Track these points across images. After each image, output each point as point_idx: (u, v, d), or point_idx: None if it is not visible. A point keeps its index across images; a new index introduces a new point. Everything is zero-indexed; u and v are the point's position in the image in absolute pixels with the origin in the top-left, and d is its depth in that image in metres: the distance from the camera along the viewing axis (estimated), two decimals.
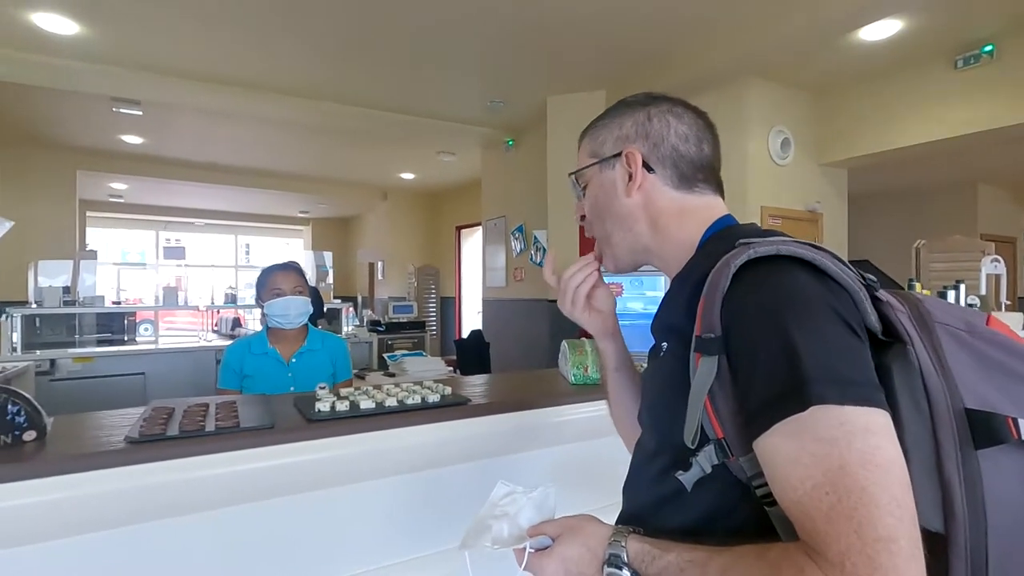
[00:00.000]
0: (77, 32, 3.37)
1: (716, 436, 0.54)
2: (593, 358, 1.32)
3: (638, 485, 0.70)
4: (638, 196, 0.71)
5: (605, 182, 0.73)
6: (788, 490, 0.47)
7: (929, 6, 2.99)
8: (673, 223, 0.70)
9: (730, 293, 0.54)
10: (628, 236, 0.73)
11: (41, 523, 0.73)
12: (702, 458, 0.55)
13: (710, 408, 0.53)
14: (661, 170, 0.70)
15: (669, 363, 0.63)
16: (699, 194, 0.71)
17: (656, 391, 0.67)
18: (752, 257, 0.55)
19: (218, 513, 0.85)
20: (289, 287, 1.88)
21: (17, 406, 0.80)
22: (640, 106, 0.73)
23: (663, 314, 0.69)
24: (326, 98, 4.52)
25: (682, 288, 0.65)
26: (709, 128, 0.73)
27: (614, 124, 0.74)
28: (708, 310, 0.55)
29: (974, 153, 5.16)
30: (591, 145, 0.76)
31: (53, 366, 3.70)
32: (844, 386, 0.47)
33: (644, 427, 0.71)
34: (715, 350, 0.53)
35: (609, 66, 3.94)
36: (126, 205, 9.16)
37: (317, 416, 0.97)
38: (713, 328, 0.54)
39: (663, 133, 0.70)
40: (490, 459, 1.11)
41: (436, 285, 9.05)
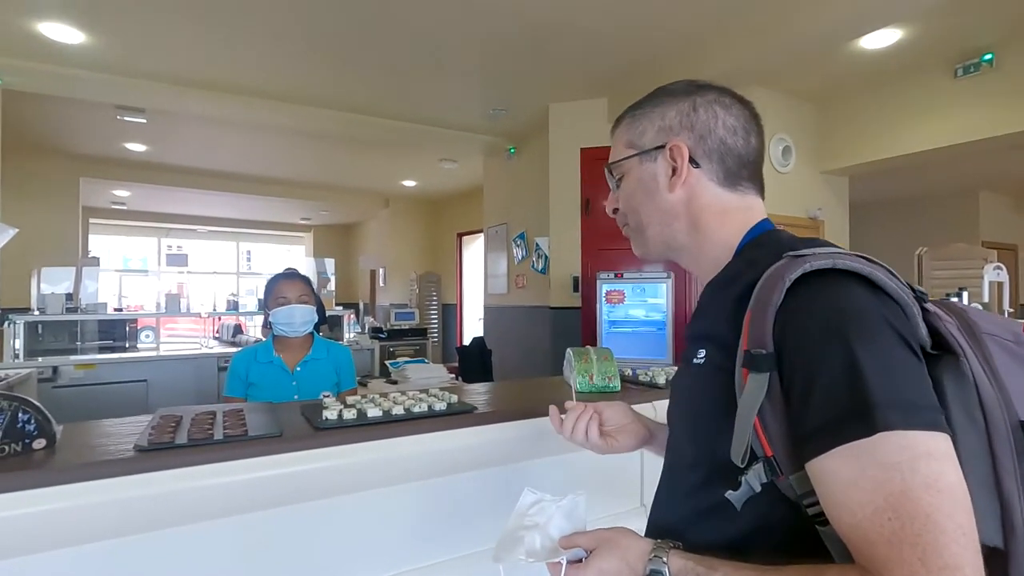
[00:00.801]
0: (83, 41, 3.40)
1: (765, 454, 0.52)
2: (598, 366, 1.32)
3: (673, 495, 0.68)
4: (681, 192, 0.67)
5: (645, 175, 0.70)
6: (846, 514, 0.46)
7: (929, 15, 3.01)
8: (714, 223, 0.67)
9: (784, 308, 0.52)
10: (664, 232, 0.70)
11: (51, 531, 0.73)
12: (751, 477, 0.53)
13: (759, 426, 0.52)
14: (707, 165, 0.67)
15: (708, 373, 0.61)
16: (741, 193, 0.68)
17: (693, 400, 0.65)
18: (807, 271, 0.53)
19: (226, 521, 0.85)
20: (294, 295, 1.89)
21: (28, 414, 0.81)
22: (684, 95, 0.69)
23: (700, 321, 0.66)
24: (328, 106, 4.55)
25: (722, 296, 0.62)
26: (755, 119, 0.69)
27: (656, 113, 0.70)
28: (758, 324, 0.53)
29: (975, 160, 5.18)
30: (628, 135, 0.72)
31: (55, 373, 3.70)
32: (909, 411, 0.46)
33: (678, 435, 0.68)
34: (766, 367, 0.51)
35: (611, 74, 3.96)
36: (129, 212, 9.20)
37: (324, 424, 0.97)
38: (764, 344, 0.52)
39: (710, 125, 0.67)
40: (497, 467, 1.10)
41: (438, 292, 9.06)
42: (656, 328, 3.92)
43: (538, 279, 4.91)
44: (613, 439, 0.85)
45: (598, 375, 1.31)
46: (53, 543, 0.74)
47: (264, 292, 1.97)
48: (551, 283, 4.59)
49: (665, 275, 3.92)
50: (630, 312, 4.01)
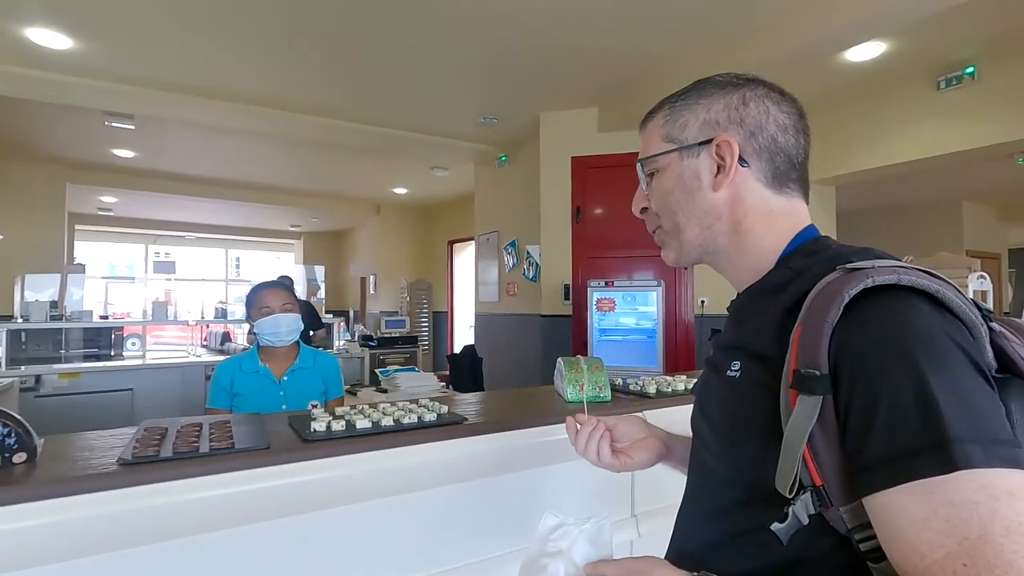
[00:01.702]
0: (71, 47, 3.37)
1: (813, 484, 0.48)
2: (589, 376, 1.32)
3: (701, 516, 0.63)
4: (726, 192, 0.62)
5: (686, 172, 0.64)
6: (913, 556, 0.42)
7: (913, 29, 3.07)
8: (758, 227, 0.62)
9: (842, 326, 0.48)
10: (704, 235, 0.64)
11: (32, 548, 0.71)
12: (799, 508, 0.48)
13: (808, 453, 0.47)
14: (756, 163, 0.62)
15: (747, 389, 0.56)
16: (787, 196, 0.63)
17: (726, 417, 0.60)
18: (869, 287, 0.48)
19: (213, 536, 0.84)
20: (278, 304, 1.87)
21: (7, 427, 0.79)
22: (732, 87, 0.64)
23: (737, 330, 0.62)
24: (319, 113, 4.54)
25: (765, 306, 0.58)
26: (804, 118, 0.65)
27: (700, 106, 0.64)
28: (810, 342, 0.48)
29: (958, 171, 5.27)
30: (667, 128, 0.66)
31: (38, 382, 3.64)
32: (989, 446, 0.41)
33: (708, 452, 0.63)
34: (819, 390, 0.47)
35: (602, 83, 4.00)
36: (115, 218, 9.10)
37: (313, 436, 0.96)
38: (817, 364, 0.47)
39: (761, 120, 0.62)
40: (488, 478, 1.10)
41: (428, 300, 9.04)
42: (647, 336, 3.93)
43: (529, 287, 4.92)
44: (627, 456, 0.81)
45: (589, 385, 1.31)
46: (34, 560, 0.72)
47: (246, 304, 1.95)
48: (542, 291, 4.60)
49: (656, 283, 3.94)
50: (621, 320, 4.02)
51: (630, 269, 4.33)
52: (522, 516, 1.15)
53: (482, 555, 1.08)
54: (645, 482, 1.31)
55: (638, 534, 1.27)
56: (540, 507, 1.17)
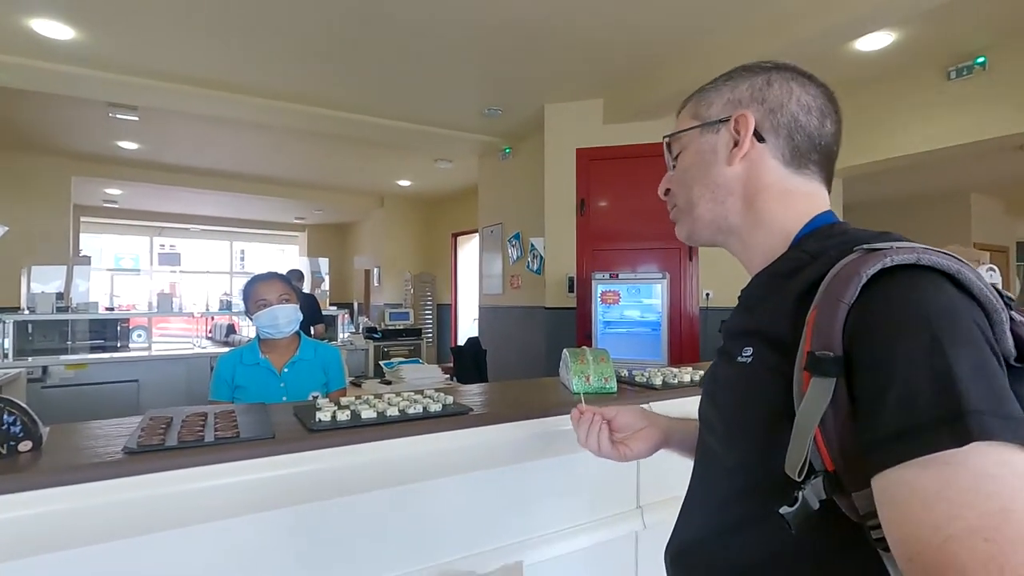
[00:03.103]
0: (74, 37, 3.36)
1: (825, 468, 0.47)
2: (594, 367, 1.31)
3: (706, 504, 0.63)
4: (740, 166, 0.62)
5: (704, 147, 0.65)
6: (925, 531, 0.39)
7: (923, 19, 3.02)
8: (772, 205, 0.62)
9: (858, 305, 0.47)
10: (716, 209, 0.64)
11: (37, 536, 0.71)
12: (809, 493, 0.47)
13: (820, 437, 0.46)
14: (773, 140, 0.61)
15: (757, 374, 0.55)
16: (807, 177, 0.62)
17: (736, 403, 0.59)
18: (888, 266, 0.47)
19: (217, 525, 0.83)
20: (274, 296, 1.86)
21: (13, 416, 0.79)
22: (761, 71, 0.64)
23: (748, 315, 0.61)
24: (323, 105, 4.53)
25: (778, 289, 0.57)
26: (833, 104, 0.64)
27: (727, 87, 0.65)
28: (825, 324, 0.47)
29: (967, 163, 5.22)
30: (695, 107, 0.68)
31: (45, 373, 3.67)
32: (1009, 421, 0.40)
33: (716, 439, 0.63)
34: (833, 371, 0.46)
35: (606, 74, 3.96)
36: (121, 211, 9.12)
37: (318, 426, 0.96)
38: (831, 346, 0.46)
39: (783, 99, 0.62)
40: (494, 469, 1.10)
41: (432, 292, 9.04)
42: (651, 328, 3.92)
43: (533, 279, 4.91)
44: (626, 447, 0.82)
45: (595, 376, 1.30)
46: (38, 548, 0.72)
47: (243, 298, 1.95)
48: (546, 283, 4.59)
49: (660, 275, 3.93)
50: (625, 313, 4.01)
51: (635, 261, 4.31)
52: (527, 507, 1.14)
53: (487, 545, 1.08)
54: (650, 473, 1.31)
55: (643, 525, 1.27)
56: (545, 498, 1.16)
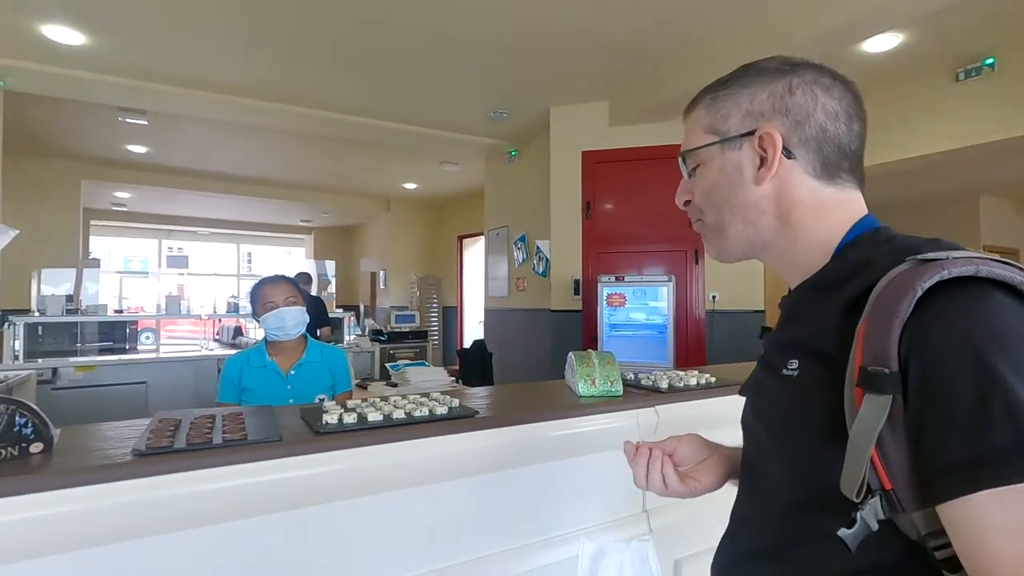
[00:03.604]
0: (84, 43, 3.40)
1: (883, 487, 0.45)
2: (600, 370, 1.31)
3: (763, 519, 0.60)
4: (770, 185, 0.59)
5: (728, 165, 0.61)
6: (1002, 568, 0.39)
7: (931, 20, 3.01)
8: (808, 219, 0.59)
9: (914, 321, 0.45)
10: (748, 230, 0.61)
11: (48, 537, 0.72)
12: (867, 513, 0.46)
13: (876, 456, 0.45)
14: (802, 154, 0.58)
15: (805, 389, 0.54)
16: (840, 187, 0.59)
17: (784, 417, 0.57)
18: (945, 279, 0.45)
19: (225, 527, 0.84)
20: (281, 298, 1.88)
21: (25, 418, 0.80)
22: (778, 73, 0.60)
23: (792, 327, 0.59)
24: (330, 108, 4.55)
25: (824, 301, 0.55)
26: (859, 102, 0.61)
27: (743, 95, 0.61)
28: (878, 338, 0.45)
29: (976, 165, 5.17)
30: (709, 118, 0.63)
31: (55, 375, 3.70)
32: None
33: (764, 453, 0.61)
34: (889, 388, 0.44)
35: (612, 76, 3.97)
36: (129, 214, 9.21)
37: (325, 429, 0.96)
38: (886, 362, 0.44)
39: (808, 109, 0.58)
40: (500, 472, 1.10)
41: (438, 294, 9.05)
42: (657, 331, 3.91)
43: (539, 282, 4.91)
44: (695, 480, 0.73)
45: (600, 379, 1.30)
46: (49, 548, 0.73)
47: (251, 300, 1.97)
48: (552, 286, 4.58)
49: (666, 278, 3.92)
50: (631, 315, 4.00)
51: (640, 264, 4.31)
52: (533, 510, 1.14)
53: (493, 549, 1.08)
54: None
55: (649, 529, 1.26)
56: (551, 501, 1.16)
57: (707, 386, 1.42)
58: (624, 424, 1.22)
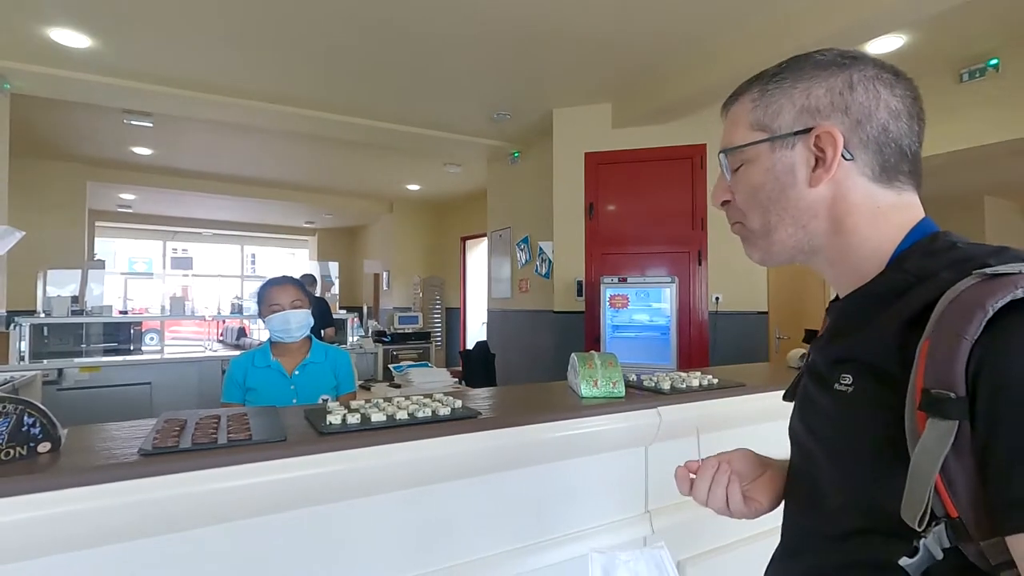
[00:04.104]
0: (90, 46, 3.43)
1: (948, 515, 0.43)
2: (602, 371, 1.32)
3: (819, 536, 0.57)
4: (826, 188, 0.55)
5: (777, 165, 0.57)
6: None
7: (934, 21, 3.00)
8: (863, 225, 0.55)
9: (984, 344, 0.42)
10: (798, 234, 0.57)
11: (56, 536, 0.73)
12: (931, 541, 0.44)
13: (941, 483, 0.43)
14: (861, 156, 0.54)
15: (861, 407, 0.51)
16: (898, 190, 0.56)
17: (838, 435, 0.55)
18: (1018, 298, 0.42)
19: (229, 526, 0.85)
20: (287, 301, 1.89)
21: (33, 418, 0.81)
22: (836, 67, 0.56)
23: (846, 339, 0.55)
24: (333, 110, 4.57)
25: (880, 313, 0.52)
26: (919, 101, 0.57)
27: (798, 89, 0.56)
28: (943, 360, 0.43)
29: (980, 166, 5.15)
30: (757, 113, 0.58)
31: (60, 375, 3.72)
32: None
33: (819, 467, 0.58)
34: (955, 414, 0.42)
35: (615, 78, 3.97)
36: (134, 215, 9.25)
37: (329, 429, 0.97)
38: (952, 386, 0.42)
39: (870, 107, 0.54)
40: (502, 473, 1.10)
41: (441, 296, 9.07)
42: (660, 333, 3.91)
43: (542, 283, 4.91)
44: (756, 501, 0.68)
45: (602, 380, 1.30)
46: (57, 547, 0.74)
47: (257, 300, 1.98)
48: (555, 287, 4.59)
49: (669, 280, 3.92)
50: (634, 317, 4.00)
51: (643, 265, 4.31)
52: (536, 511, 1.15)
53: (495, 550, 1.09)
54: (659, 478, 1.31)
55: (652, 530, 1.26)
56: (553, 502, 1.17)
57: (709, 387, 1.42)
58: (626, 426, 1.23)
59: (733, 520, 0.71)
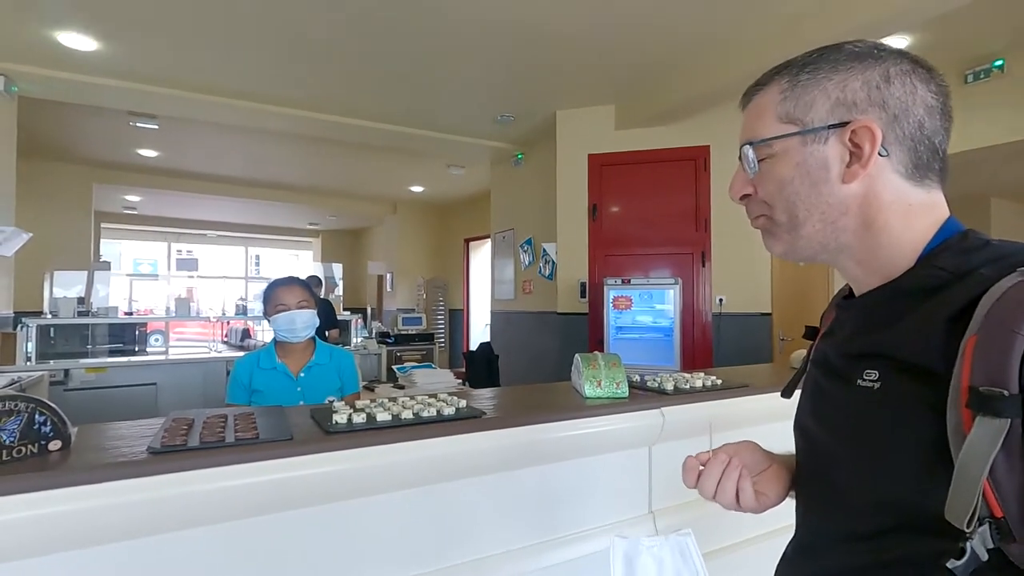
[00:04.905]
0: (97, 49, 3.45)
1: (992, 515, 0.43)
2: (606, 372, 1.32)
3: (840, 535, 0.57)
4: (859, 185, 0.54)
5: (809, 160, 0.55)
6: None
7: (939, 22, 3.00)
8: (895, 222, 0.54)
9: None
10: (826, 230, 0.56)
11: (65, 532, 0.74)
12: (977, 543, 0.43)
13: (988, 483, 0.42)
14: (896, 152, 0.53)
15: (895, 404, 0.50)
16: (927, 188, 0.55)
17: (865, 432, 0.53)
18: None
19: (238, 524, 0.86)
20: (293, 301, 1.90)
21: (44, 416, 0.82)
22: (872, 60, 0.54)
23: (874, 334, 0.54)
24: (338, 112, 4.59)
25: (915, 310, 0.51)
26: (950, 98, 0.56)
27: (832, 81, 0.54)
28: (995, 357, 0.42)
29: (986, 167, 5.14)
30: (788, 105, 0.56)
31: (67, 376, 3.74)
32: None
33: (838, 465, 0.57)
34: (1008, 412, 0.41)
35: (618, 80, 3.98)
36: (140, 217, 9.30)
37: (335, 428, 0.98)
38: (1004, 383, 0.42)
39: (907, 102, 0.53)
40: (506, 472, 1.11)
41: (445, 297, 9.08)
42: (663, 334, 3.91)
43: (545, 285, 4.92)
44: (763, 495, 0.67)
45: (606, 381, 1.31)
46: (68, 544, 0.75)
47: (263, 300, 1.99)
48: (558, 289, 4.59)
49: (673, 281, 3.92)
50: (637, 318, 4.00)
51: (647, 267, 4.31)
52: (539, 511, 1.15)
53: (499, 549, 1.09)
54: (663, 478, 1.31)
55: (655, 530, 1.27)
56: (557, 502, 1.17)
57: (713, 388, 1.42)
58: (630, 426, 1.23)
59: (737, 521, 0.71)
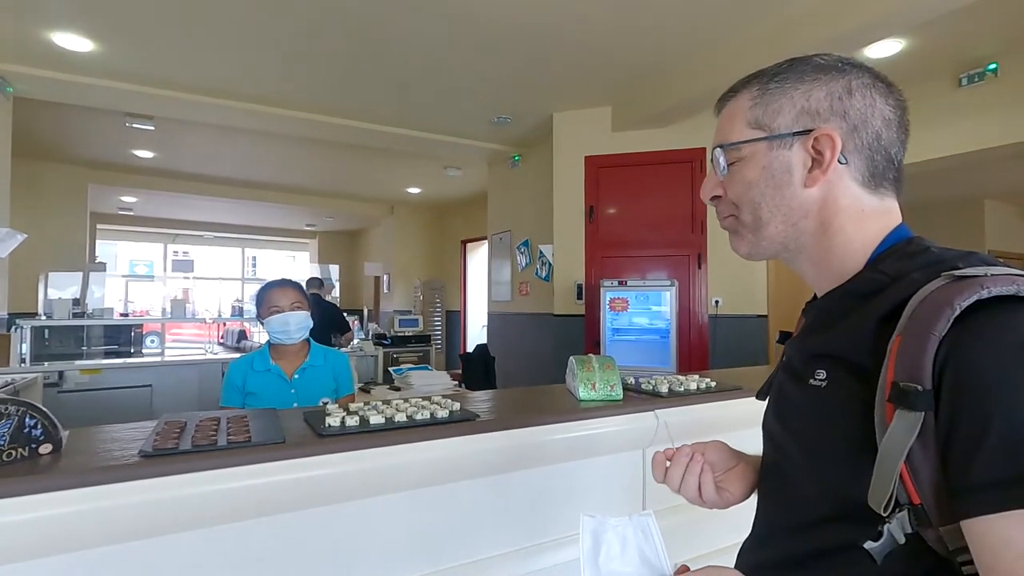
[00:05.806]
0: (93, 50, 3.44)
1: (911, 502, 0.46)
2: (600, 374, 1.32)
3: (785, 527, 0.60)
4: (819, 189, 0.57)
5: (774, 164, 0.58)
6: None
7: (933, 26, 3.01)
8: (849, 227, 0.58)
9: (951, 339, 0.45)
10: (787, 232, 0.59)
11: (57, 536, 0.73)
12: (894, 527, 0.47)
13: (906, 471, 0.45)
14: (854, 161, 0.57)
15: (835, 401, 0.54)
16: (881, 196, 0.59)
17: (812, 428, 0.57)
18: (984, 298, 0.44)
19: (230, 527, 0.85)
20: (287, 303, 1.89)
21: (34, 419, 0.81)
22: (836, 72, 0.57)
23: (822, 335, 0.58)
24: (334, 114, 4.59)
25: (857, 311, 0.54)
26: (907, 112, 0.59)
27: (799, 91, 0.58)
28: (912, 354, 0.46)
29: (980, 169, 5.17)
30: (757, 111, 0.59)
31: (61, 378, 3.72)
32: None
33: (791, 459, 0.60)
34: (921, 405, 0.44)
35: (615, 82, 3.98)
36: (135, 218, 9.27)
37: (327, 431, 0.97)
38: (919, 379, 0.45)
39: (866, 114, 0.56)
40: (500, 475, 1.11)
41: (441, 299, 9.07)
42: (660, 336, 3.91)
43: (542, 286, 4.92)
44: (727, 491, 0.70)
45: (600, 383, 1.31)
46: (58, 548, 0.74)
47: (256, 302, 1.99)
48: (555, 290, 4.59)
49: (669, 283, 3.92)
50: (634, 320, 4.01)
51: (643, 269, 4.31)
52: (533, 513, 1.15)
53: (493, 551, 1.09)
54: None
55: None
56: (551, 505, 1.17)
57: (707, 390, 1.43)
58: (624, 428, 1.23)
59: (730, 523, 0.71)
